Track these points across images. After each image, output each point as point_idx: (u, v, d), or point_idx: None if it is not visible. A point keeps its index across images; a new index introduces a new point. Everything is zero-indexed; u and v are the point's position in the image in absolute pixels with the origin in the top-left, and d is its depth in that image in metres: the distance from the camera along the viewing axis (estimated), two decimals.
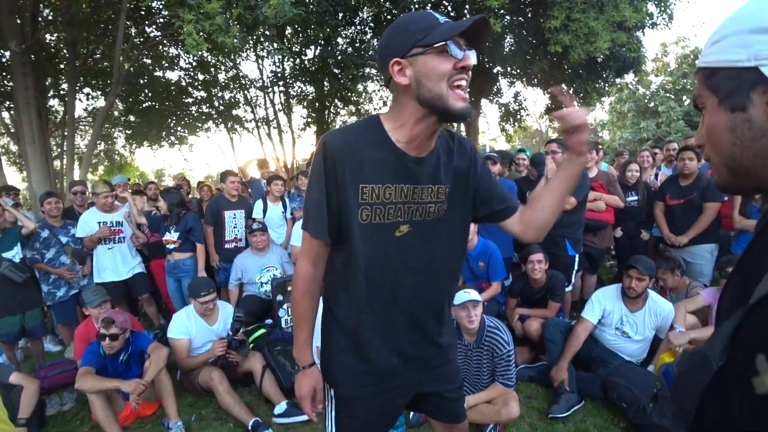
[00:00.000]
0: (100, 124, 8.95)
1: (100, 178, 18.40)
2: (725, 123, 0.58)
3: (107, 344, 2.87)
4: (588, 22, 6.59)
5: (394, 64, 1.05)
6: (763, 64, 0.53)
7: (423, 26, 1.03)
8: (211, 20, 4.90)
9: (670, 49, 20.12)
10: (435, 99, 1.04)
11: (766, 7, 0.54)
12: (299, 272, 1.25)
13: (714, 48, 0.59)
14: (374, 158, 1.11)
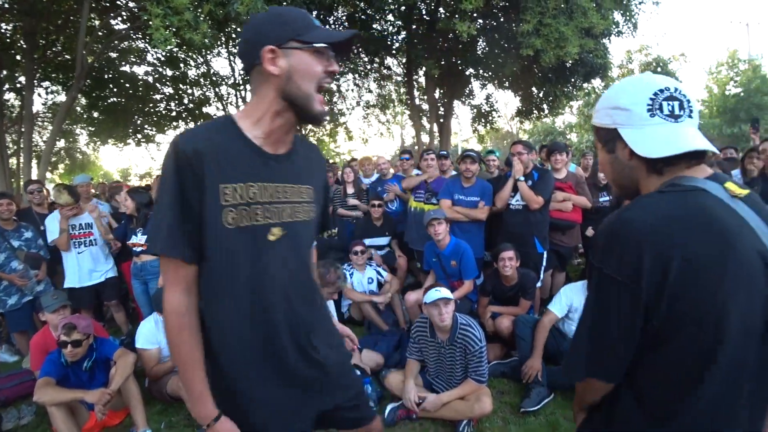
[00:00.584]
0: (60, 120, 8.56)
1: (60, 177, 17.62)
2: (607, 159, 1.00)
3: (69, 351, 2.71)
4: (559, 27, 6.79)
5: (268, 51, 1.02)
6: (619, 127, 0.93)
7: (303, 23, 1.04)
8: (179, 16, 4.76)
9: (634, 56, 20.94)
10: (302, 97, 1.05)
11: (619, 92, 0.94)
12: (170, 307, 1.04)
13: (597, 115, 0.99)
14: (232, 155, 1.04)
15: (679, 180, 0.88)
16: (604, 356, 0.90)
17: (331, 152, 21.47)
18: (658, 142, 0.86)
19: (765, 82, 20.92)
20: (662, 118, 0.88)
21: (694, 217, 0.82)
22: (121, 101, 12.03)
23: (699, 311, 0.80)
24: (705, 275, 0.79)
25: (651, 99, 0.89)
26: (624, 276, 0.83)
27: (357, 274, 4.37)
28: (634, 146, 0.89)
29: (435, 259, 3.95)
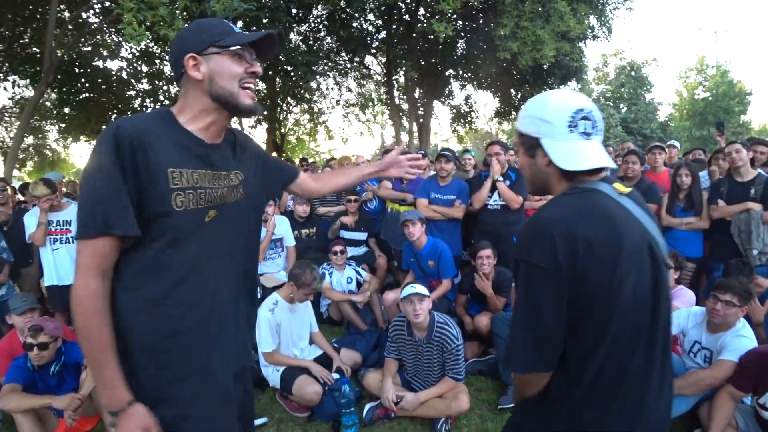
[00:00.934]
0: (27, 116, 8.25)
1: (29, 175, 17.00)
2: (527, 163, 1.13)
3: (36, 354, 2.60)
4: (535, 30, 6.94)
5: (189, 59, 1.10)
6: (541, 137, 1.06)
7: (220, 30, 1.12)
8: (154, 11, 4.65)
9: (609, 60, 21.54)
10: (227, 96, 1.13)
11: (544, 105, 1.06)
12: (83, 291, 1.03)
13: (522, 121, 1.11)
14: (176, 143, 1.10)
15: (580, 183, 1.05)
16: (542, 349, 1.01)
17: (311, 151, 21.32)
18: (575, 157, 1.03)
19: (732, 87, 21.79)
20: (578, 135, 1.03)
21: (591, 210, 0.99)
22: (93, 97, 11.65)
23: (601, 285, 0.96)
24: (604, 255, 0.95)
25: (572, 116, 1.03)
26: (546, 263, 0.96)
27: (336, 274, 4.36)
28: (554, 158, 1.04)
29: (413, 259, 3.97)
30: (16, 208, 4.89)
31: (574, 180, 1.06)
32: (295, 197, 4.93)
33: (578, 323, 0.99)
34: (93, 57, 10.96)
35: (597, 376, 1.00)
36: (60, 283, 3.95)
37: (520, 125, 1.12)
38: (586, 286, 0.96)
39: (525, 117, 1.10)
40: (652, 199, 3.98)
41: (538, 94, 1.16)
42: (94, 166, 1.03)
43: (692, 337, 2.74)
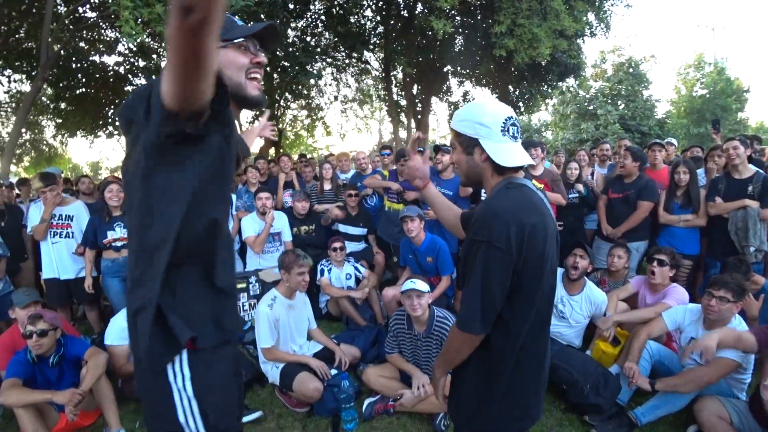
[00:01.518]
0: (24, 111, 8.20)
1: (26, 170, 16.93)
2: (464, 159, 1.36)
3: (35, 342, 2.62)
4: (532, 28, 6.93)
5: None
6: (480, 138, 1.29)
7: (226, 25, 1.15)
8: (150, 8, 4.62)
9: (607, 56, 21.51)
10: (234, 87, 1.17)
11: (481, 111, 1.30)
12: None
13: (459, 123, 1.33)
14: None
15: (513, 179, 1.30)
16: (490, 314, 1.24)
17: (309, 147, 21.28)
18: (509, 155, 1.28)
19: (729, 84, 21.82)
20: (509, 137, 1.28)
21: (529, 202, 1.25)
22: (90, 92, 11.57)
23: (535, 260, 1.22)
24: (539, 236, 1.22)
25: (504, 122, 1.27)
26: (503, 244, 1.18)
27: (335, 270, 4.37)
28: (493, 156, 1.27)
29: (411, 256, 3.99)
30: (11, 204, 4.87)
31: (505, 174, 1.31)
32: (294, 194, 4.93)
33: (515, 292, 1.23)
34: (89, 52, 10.88)
35: (529, 331, 1.29)
36: (58, 276, 3.96)
37: (458, 127, 1.33)
38: (526, 262, 1.21)
39: (463, 120, 1.32)
40: (648, 196, 4.00)
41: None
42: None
43: (689, 333, 2.78)
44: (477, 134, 1.28)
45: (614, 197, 4.27)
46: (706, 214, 3.82)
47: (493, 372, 1.33)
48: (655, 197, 4.03)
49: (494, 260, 1.19)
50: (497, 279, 1.20)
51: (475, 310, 1.23)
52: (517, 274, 1.21)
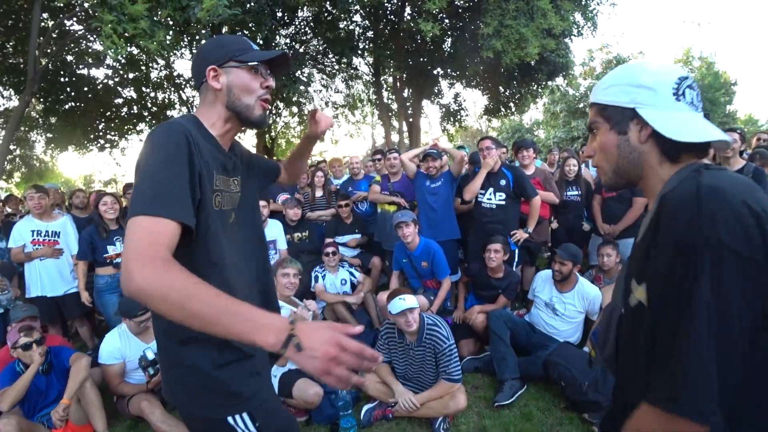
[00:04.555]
0: (13, 127, 8.12)
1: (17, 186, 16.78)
2: (614, 141, 0.92)
3: (38, 351, 2.73)
4: (519, 28, 6.97)
5: (210, 70, 1.19)
6: (638, 106, 0.87)
7: (240, 46, 1.21)
8: (134, 23, 4.59)
9: (595, 54, 21.69)
10: (242, 107, 1.21)
11: (640, 70, 0.88)
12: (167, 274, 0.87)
13: (605, 92, 0.92)
14: (208, 148, 1.18)
15: (704, 164, 0.84)
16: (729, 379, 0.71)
17: None
18: (688, 127, 0.83)
19: (717, 79, 22.06)
20: (686, 104, 0.86)
21: (754, 185, 0.78)
22: (79, 105, 11.49)
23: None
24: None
25: (677, 83, 0.86)
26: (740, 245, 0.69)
27: (329, 276, 4.34)
28: (660, 128, 0.84)
29: (406, 260, 3.98)
30: (5, 220, 4.83)
31: (683, 160, 0.87)
32: (285, 202, 4.92)
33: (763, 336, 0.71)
34: (77, 65, 10.82)
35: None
36: (45, 294, 3.90)
37: (604, 95, 0.92)
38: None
39: (611, 86, 0.91)
40: (641, 192, 3.99)
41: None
42: (160, 153, 1.03)
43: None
44: (634, 101, 0.87)
45: (608, 196, 4.29)
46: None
47: None
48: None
49: (733, 276, 0.68)
50: (741, 311, 0.68)
51: (701, 377, 0.69)
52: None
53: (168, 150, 1.03)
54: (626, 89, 0.89)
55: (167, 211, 0.95)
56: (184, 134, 1.07)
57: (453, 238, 4.23)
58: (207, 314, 0.83)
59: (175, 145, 1.04)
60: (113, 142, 13.84)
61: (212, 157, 1.18)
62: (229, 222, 1.23)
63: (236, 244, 1.25)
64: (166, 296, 0.85)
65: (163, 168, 1.01)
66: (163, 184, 0.98)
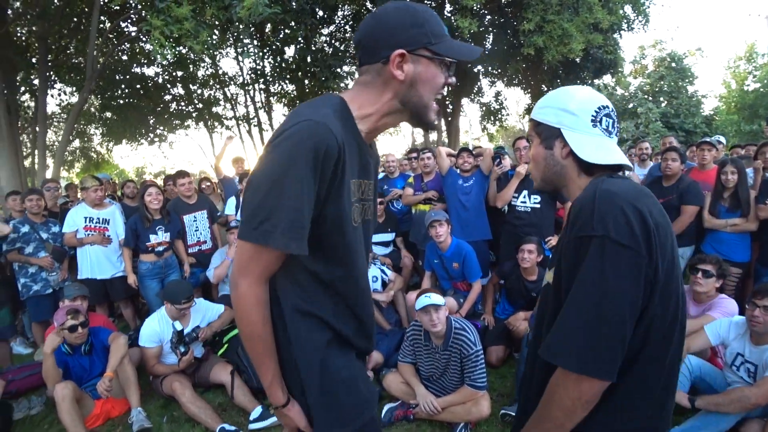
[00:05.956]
0: (72, 121, 8.72)
1: (77, 176, 18.00)
2: (543, 154, 1.07)
3: (81, 333, 2.92)
4: (562, 23, 6.68)
5: (399, 55, 0.96)
6: (563, 128, 1.03)
7: (437, 31, 0.98)
8: (179, 24, 4.79)
9: (647, 51, 20.58)
10: (421, 105, 1.02)
11: (569, 97, 1.04)
12: (251, 297, 0.96)
13: (541, 111, 1.07)
14: (352, 149, 0.97)
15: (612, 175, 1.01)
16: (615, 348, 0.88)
17: None
18: (599, 150, 1.01)
19: None
20: (601, 130, 1.02)
21: (646, 192, 0.98)
22: (132, 101, 12.20)
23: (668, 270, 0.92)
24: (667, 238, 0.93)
25: (596, 111, 1.02)
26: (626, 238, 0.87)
27: None
28: (577, 149, 1.01)
29: (437, 261, 3.92)
30: (62, 207, 5.19)
31: (593, 175, 1.02)
32: None
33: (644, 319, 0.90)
34: (131, 64, 11.47)
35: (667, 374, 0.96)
36: (94, 276, 4.16)
37: (537, 115, 1.07)
38: (657, 272, 0.88)
39: (545, 107, 1.06)
40: (692, 200, 3.71)
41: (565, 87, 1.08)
42: (287, 166, 0.87)
43: (734, 349, 2.53)
44: (560, 123, 1.02)
45: None
46: (757, 217, 3.52)
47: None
48: (700, 200, 3.74)
49: (615, 260, 0.85)
50: (621, 288, 0.85)
51: (577, 334, 0.87)
52: (650, 288, 0.88)
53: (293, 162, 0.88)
54: (556, 112, 1.04)
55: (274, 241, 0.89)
56: (326, 145, 0.88)
57: (484, 238, 4.15)
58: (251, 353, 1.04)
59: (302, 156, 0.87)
60: (162, 136, 14.58)
61: (353, 159, 0.98)
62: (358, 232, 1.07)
63: (361, 258, 1.09)
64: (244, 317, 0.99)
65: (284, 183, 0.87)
66: (283, 205, 0.88)
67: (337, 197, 0.94)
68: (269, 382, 1.04)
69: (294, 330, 1.03)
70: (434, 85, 1.01)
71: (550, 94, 1.08)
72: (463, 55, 1.00)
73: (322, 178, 0.90)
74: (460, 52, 1.00)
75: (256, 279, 0.96)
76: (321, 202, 0.93)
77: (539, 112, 1.07)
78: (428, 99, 1.02)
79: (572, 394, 0.89)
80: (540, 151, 1.07)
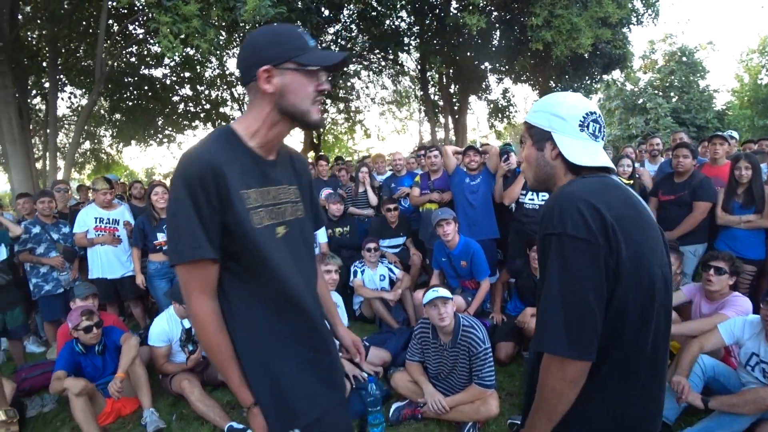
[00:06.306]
0: (82, 123, 8.82)
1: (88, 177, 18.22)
2: (534, 156, 1.17)
3: (96, 334, 2.96)
4: (571, 18, 6.59)
5: (264, 71, 1.09)
6: (553, 131, 1.12)
7: (298, 44, 1.10)
8: (187, 23, 4.82)
9: (657, 46, 20.31)
10: (298, 112, 1.13)
11: (558, 102, 1.13)
12: (203, 312, 1.11)
13: (534, 115, 1.16)
14: (242, 164, 1.12)
15: (581, 176, 1.11)
16: (582, 328, 0.98)
17: (349, 150, 21.52)
18: (584, 153, 1.10)
19: None
20: (588, 135, 1.11)
21: (610, 189, 1.05)
22: (140, 103, 12.32)
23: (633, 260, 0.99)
24: (632, 230, 1.00)
25: (583, 117, 1.10)
26: (581, 232, 0.97)
27: (368, 272, 4.36)
28: (565, 151, 1.09)
29: (445, 259, 3.91)
30: (72, 209, 5.25)
31: (580, 175, 1.11)
32: (328, 197, 4.98)
33: (613, 305, 0.99)
34: (139, 66, 11.57)
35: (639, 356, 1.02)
36: (105, 276, 4.20)
37: (531, 118, 1.17)
38: (619, 262, 0.97)
39: (537, 111, 1.15)
40: (704, 196, 3.65)
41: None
42: (175, 200, 1.07)
43: (749, 348, 2.47)
44: (550, 127, 1.11)
45: (665, 199, 3.89)
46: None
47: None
48: (713, 196, 3.67)
49: (574, 253, 0.96)
50: (583, 277, 0.95)
51: (555, 323, 0.97)
52: (612, 276, 0.97)
53: (175, 196, 1.08)
54: (547, 116, 1.12)
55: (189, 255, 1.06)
56: (198, 174, 1.05)
57: (492, 237, 4.12)
58: (214, 361, 1.18)
59: (179, 188, 1.06)
60: (171, 137, 14.68)
61: (246, 173, 1.12)
62: (276, 236, 1.17)
63: (289, 257, 1.19)
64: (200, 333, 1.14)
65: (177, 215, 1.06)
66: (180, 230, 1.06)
67: (229, 206, 1.08)
68: (236, 385, 1.16)
69: (238, 340, 1.15)
70: (305, 92, 1.12)
71: (543, 99, 1.17)
72: (324, 61, 1.12)
73: (206, 196, 1.05)
74: (321, 60, 1.12)
75: (198, 294, 1.11)
76: (218, 214, 1.07)
77: (532, 115, 1.17)
78: (304, 105, 1.12)
79: (558, 376, 0.99)
80: (532, 153, 1.17)
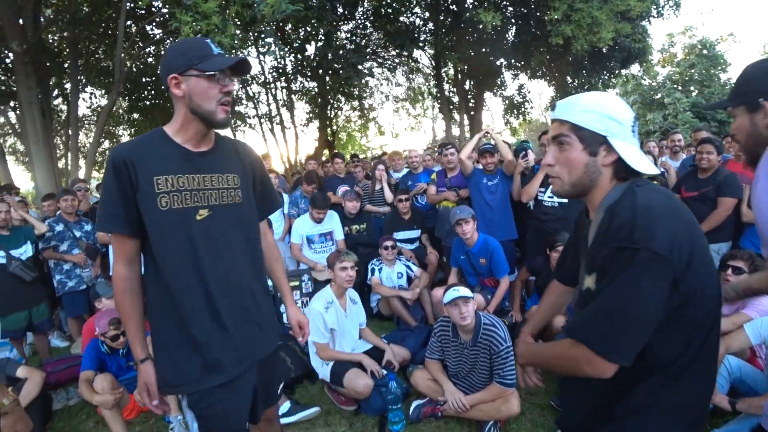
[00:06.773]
0: (102, 122, 8.99)
1: None
2: (584, 161, 1.07)
3: (122, 341, 3.01)
4: (591, 11, 6.48)
5: (172, 79, 1.31)
6: (610, 136, 1.04)
7: (200, 54, 1.30)
8: (207, 20, 4.88)
9: (676, 39, 19.83)
10: (205, 112, 1.32)
11: (611, 104, 1.05)
12: (116, 275, 1.38)
13: (583, 115, 1.05)
14: (163, 155, 1.33)
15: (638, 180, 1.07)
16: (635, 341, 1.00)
17: (363, 147, 21.54)
18: (641, 160, 1.05)
19: None
20: (636, 139, 1.07)
21: (681, 205, 1.04)
22: (158, 103, 12.50)
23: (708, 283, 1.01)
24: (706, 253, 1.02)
25: (634, 120, 1.07)
26: (664, 250, 0.93)
27: (386, 269, 4.36)
28: (626, 157, 1.04)
29: (464, 257, 3.89)
30: (92, 206, 5.37)
31: (628, 182, 1.07)
32: (345, 194, 5.00)
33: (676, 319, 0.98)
34: (157, 66, 11.72)
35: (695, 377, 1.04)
36: None
37: (581, 119, 1.05)
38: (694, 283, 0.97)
39: (590, 112, 1.04)
40: (729, 192, 3.56)
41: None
42: (103, 181, 1.36)
43: None
44: (606, 130, 1.03)
45: (688, 196, 3.80)
46: None
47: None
48: (738, 192, 3.58)
49: (650, 269, 0.93)
50: (651, 294, 0.94)
51: (617, 329, 0.97)
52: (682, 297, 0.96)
53: (104, 179, 1.35)
54: (602, 118, 1.04)
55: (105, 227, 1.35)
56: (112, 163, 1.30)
57: (510, 238, 4.08)
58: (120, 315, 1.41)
59: (107, 175, 1.32)
60: None
61: (166, 163, 1.32)
62: (197, 218, 1.35)
63: (209, 237, 1.37)
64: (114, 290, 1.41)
65: (103, 194, 1.36)
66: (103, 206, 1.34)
67: (138, 190, 1.30)
68: (131, 339, 1.40)
69: (151, 301, 1.40)
70: (209, 94, 1.31)
71: (590, 98, 1.07)
72: (219, 66, 1.29)
73: (122, 179, 1.30)
74: (219, 65, 1.29)
75: (117, 259, 1.38)
76: (131, 197, 1.31)
77: (582, 116, 1.05)
78: (209, 106, 1.31)
79: (591, 371, 1.01)
80: (581, 157, 1.07)
